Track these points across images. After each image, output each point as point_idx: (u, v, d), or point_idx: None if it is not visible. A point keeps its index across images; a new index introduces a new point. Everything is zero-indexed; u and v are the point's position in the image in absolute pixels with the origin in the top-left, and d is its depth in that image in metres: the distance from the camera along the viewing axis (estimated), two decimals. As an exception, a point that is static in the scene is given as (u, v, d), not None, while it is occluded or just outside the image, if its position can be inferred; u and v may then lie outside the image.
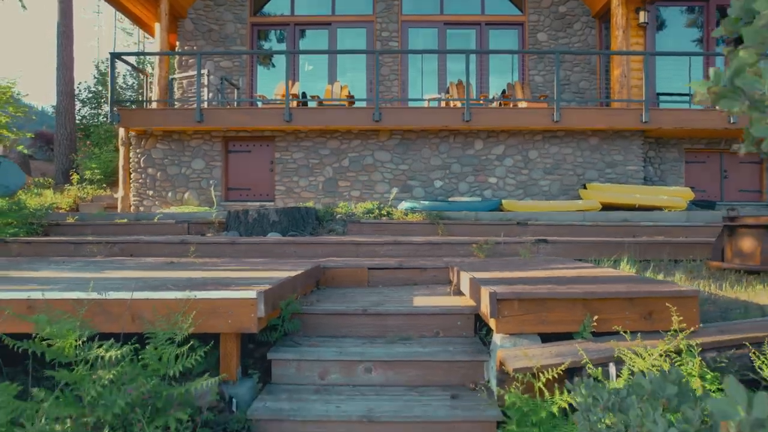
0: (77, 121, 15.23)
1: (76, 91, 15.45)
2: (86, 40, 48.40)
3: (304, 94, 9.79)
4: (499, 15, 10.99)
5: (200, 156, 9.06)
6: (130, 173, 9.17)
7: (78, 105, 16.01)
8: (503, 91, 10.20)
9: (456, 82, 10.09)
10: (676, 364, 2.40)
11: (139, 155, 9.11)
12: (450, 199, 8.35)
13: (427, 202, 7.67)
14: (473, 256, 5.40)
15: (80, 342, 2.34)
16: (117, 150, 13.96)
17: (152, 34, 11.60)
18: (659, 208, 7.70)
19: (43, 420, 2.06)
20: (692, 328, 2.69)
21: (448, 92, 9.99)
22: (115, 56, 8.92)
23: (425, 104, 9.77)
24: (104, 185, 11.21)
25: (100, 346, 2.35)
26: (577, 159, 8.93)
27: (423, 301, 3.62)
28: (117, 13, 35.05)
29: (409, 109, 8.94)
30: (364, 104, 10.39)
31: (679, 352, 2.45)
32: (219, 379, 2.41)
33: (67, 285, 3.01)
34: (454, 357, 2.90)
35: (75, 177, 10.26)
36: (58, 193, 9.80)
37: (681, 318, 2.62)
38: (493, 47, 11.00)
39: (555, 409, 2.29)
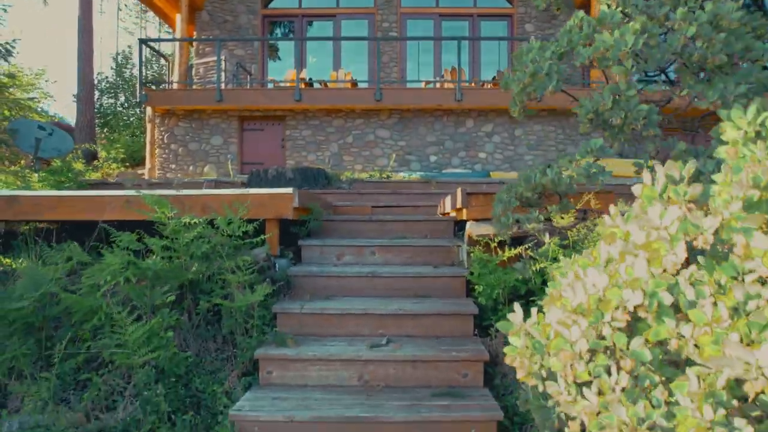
0: (95, 110, 16.22)
1: (95, 82, 16.43)
2: (92, 39, 49.42)
3: (311, 80, 10.79)
4: (490, 8, 11.99)
5: (218, 133, 10.06)
6: (155, 149, 10.16)
7: (96, 94, 17.00)
8: (493, 78, 11.19)
9: (450, 69, 11.09)
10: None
11: (163, 132, 10.11)
12: (443, 171, 9.34)
13: (422, 173, 8.65)
14: (460, 203, 6.39)
15: (171, 215, 3.33)
16: (133, 135, 14.99)
17: (173, 25, 12.62)
18: (629, 177, 8.70)
19: (155, 256, 3.05)
20: (610, 216, 3.68)
21: (442, 77, 10.99)
22: (143, 42, 9.94)
23: (422, 85, 10.77)
24: (126, 164, 12.20)
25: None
26: (558, 136, 9.92)
27: (416, 218, 4.62)
28: (119, 12, 35.81)
29: (408, 90, 9.94)
30: (366, 86, 11.39)
31: (595, 225, 3.45)
32: (269, 239, 3.40)
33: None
34: (437, 243, 3.90)
35: (103, 154, 11.27)
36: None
37: (600, 207, 3.62)
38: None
39: (503, 258, 3.29)
